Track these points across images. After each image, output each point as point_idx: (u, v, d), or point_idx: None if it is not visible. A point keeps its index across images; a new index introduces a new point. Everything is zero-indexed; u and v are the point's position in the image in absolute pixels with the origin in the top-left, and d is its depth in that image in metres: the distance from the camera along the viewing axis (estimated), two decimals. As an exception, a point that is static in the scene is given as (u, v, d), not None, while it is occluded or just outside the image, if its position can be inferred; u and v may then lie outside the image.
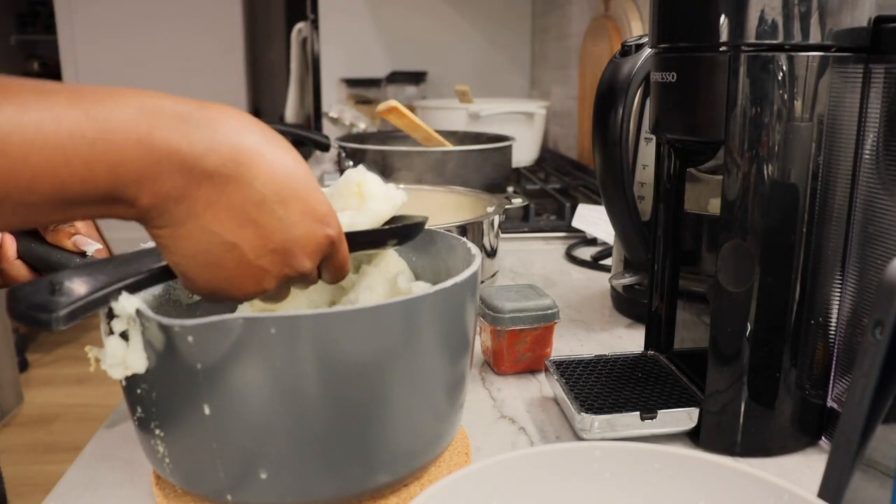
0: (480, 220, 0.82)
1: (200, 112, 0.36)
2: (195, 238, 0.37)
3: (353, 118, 2.07)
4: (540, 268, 1.02)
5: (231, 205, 0.36)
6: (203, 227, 0.36)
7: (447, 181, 1.19)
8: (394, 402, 0.42)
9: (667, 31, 0.53)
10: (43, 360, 2.94)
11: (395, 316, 0.41)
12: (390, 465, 0.44)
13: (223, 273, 0.38)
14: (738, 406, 0.52)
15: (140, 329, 0.39)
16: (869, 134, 0.48)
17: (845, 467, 0.34)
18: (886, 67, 0.46)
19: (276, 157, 0.38)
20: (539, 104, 1.80)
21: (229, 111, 0.37)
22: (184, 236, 0.37)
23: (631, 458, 0.37)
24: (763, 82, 0.47)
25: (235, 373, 0.38)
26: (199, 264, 0.38)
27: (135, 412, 0.43)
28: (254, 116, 0.39)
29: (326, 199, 0.40)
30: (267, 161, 0.37)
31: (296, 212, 0.38)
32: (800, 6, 0.46)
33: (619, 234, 0.74)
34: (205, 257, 0.38)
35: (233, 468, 0.41)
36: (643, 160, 0.77)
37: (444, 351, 0.44)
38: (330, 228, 0.41)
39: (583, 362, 0.62)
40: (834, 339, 0.52)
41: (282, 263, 0.39)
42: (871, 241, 0.49)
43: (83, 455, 0.53)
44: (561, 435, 0.56)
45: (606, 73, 0.70)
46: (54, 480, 0.50)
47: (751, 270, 0.49)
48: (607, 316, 0.83)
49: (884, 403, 0.33)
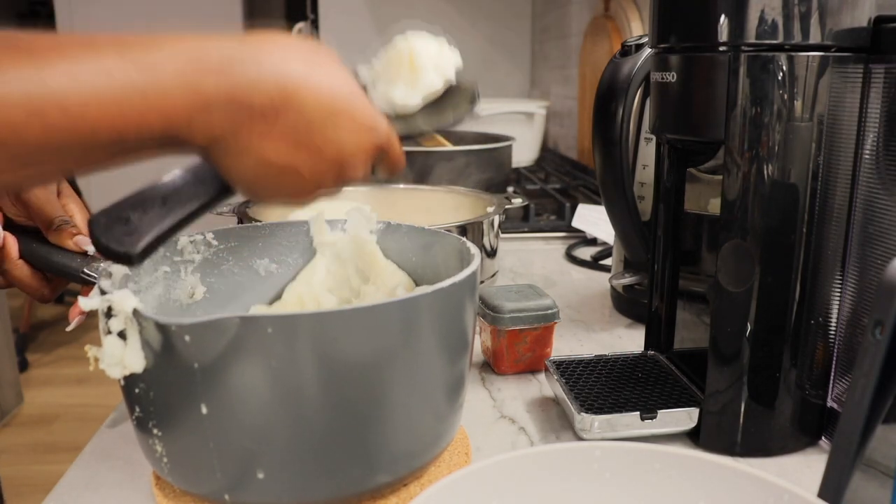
0: (480, 220, 0.82)
1: (243, 49, 0.37)
2: (253, 166, 0.39)
3: (353, 118, 2.06)
4: (540, 268, 1.02)
5: (283, 133, 0.38)
6: (260, 157, 0.38)
7: (447, 181, 1.19)
8: (393, 402, 0.42)
9: (667, 31, 0.52)
10: (43, 360, 2.94)
11: (393, 315, 0.41)
12: (389, 465, 0.44)
13: (284, 190, 0.41)
14: (738, 406, 0.52)
15: (137, 328, 0.39)
16: (869, 134, 0.48)
17: (845, 467, 0.34)
18: (886, 67, 0.46)
19: (321, 80, 0.39)
20: (539, 104, 1.80)
21: (272, 41, 0.39)
22: (243, 164, 0.39)
23: (631, 458, 0.37)
24: (763, 82, 0.47)
25: (232, 372, 0.38)
26: (259, 186, 0.41)
27: (133, 412, 0.43)
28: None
29: (372, 107, 0.42)
30: (312, 86, 0.39)
31: (344, 128, 0.40)
32: (800, 6, 0.46)
33: (619, 234, 0.74)
34: (265, 180, 0.40)
35: (230, 468, 0.41)
36: (643, 160, 0.77)
37: (443, 351, 0.44)
38: (378, 136, 0.43)
39: (583, 362, 0.62)
40: (834, 339, 0.52)
41: (336, 175, 0.41)
42: (871, 241, 0.49)
43: (83, 455, 0.53)
44: (561, 435, 0.56)
45: (606, 73, 0.70)
46: (54, 480, 0.50)
47: (751, 270, 0.49)
48: (607, 316, 0.82)
49: (884, 403, 0.33)
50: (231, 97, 0.36)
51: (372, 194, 0.97)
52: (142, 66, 0.34)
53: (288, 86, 0.38)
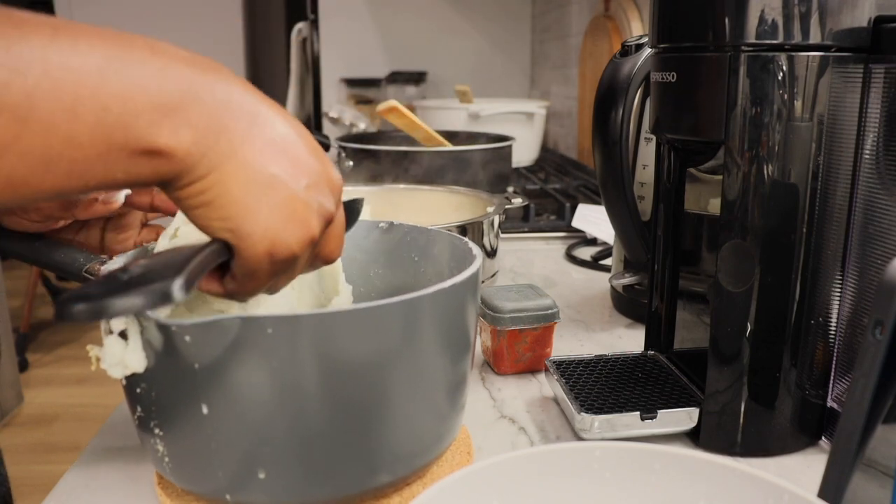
0: (480, 220, 0.82)
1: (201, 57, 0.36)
2: (242, 176, 0.36)
3: (353, 118, 2.06)
4: (540, 268, 1.02)
5: (264, 137, 0.37)
6: (246, 163, 0.36)
7: (447, 181, 1.19)
8: (394, 402, 0.42)
9: (667, 31, 0.53)
10: (43, 360, 2.94)
11: (395, 316, 0.41)
12: (391, 465, 0.44)
13: (276, 214, 0.37)
14: (738, 406, 0.52)
15: (138, 328, 0.39)
16: (869, 134, 0.48)
17: (845, 467, 0.34)
18: (886, 67, 0.46)
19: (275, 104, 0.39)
20: (539, 104, 1.80)
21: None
22: (230, 176, 0.36)
23: (631, 458, 0.37)
24: (763, 82, 0.47)
25: (233, 373, 0.38)
26: (250, 208, 0.37)
27: (135, 411, 0.43)
28: None
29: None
30: (269, 104, 0.38)
31: (309, 147, 0.39)
32: (800, 6, 0.46)
33: (619, 234, 0.74)
34: (255, 198, 0.37)
35: (231, 468, 0.41)
36: (643, 160, 0.77)
37: (445, 351, 0.44)
38: (336, 172, 0.41)
39: (583, 362, 0.62)
40: (834, 339, 0.52)
41: (317, 198, 0.39)
42: (871, 241, 0.49)
43: (83, 455, 0.53)
44: (561, 435, 0.56)
45: (606, 73, 0.70)
46: (54, 480, 0.50)
47: (751, 270, 0.49)
48: (607, 316, 0.82)
49: (884, 403, 0.33)
50: (211, 88, 0.35)
51: (372, 194, 0.97)
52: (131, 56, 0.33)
53: (256, 99, 0.37)
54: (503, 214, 0.88)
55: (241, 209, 0.36)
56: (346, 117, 2.07)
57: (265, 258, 0.38)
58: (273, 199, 0.37)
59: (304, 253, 0.39)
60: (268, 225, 0.37)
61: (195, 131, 0.34)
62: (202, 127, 0.35)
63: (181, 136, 0.34)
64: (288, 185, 0.37)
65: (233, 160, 0.36)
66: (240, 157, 0.36)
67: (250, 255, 0.38)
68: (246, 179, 0.36)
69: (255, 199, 0.36)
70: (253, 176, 0.36)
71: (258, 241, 0.37)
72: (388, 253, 0.58)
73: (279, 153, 0.37)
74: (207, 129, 0.35)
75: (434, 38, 2.45)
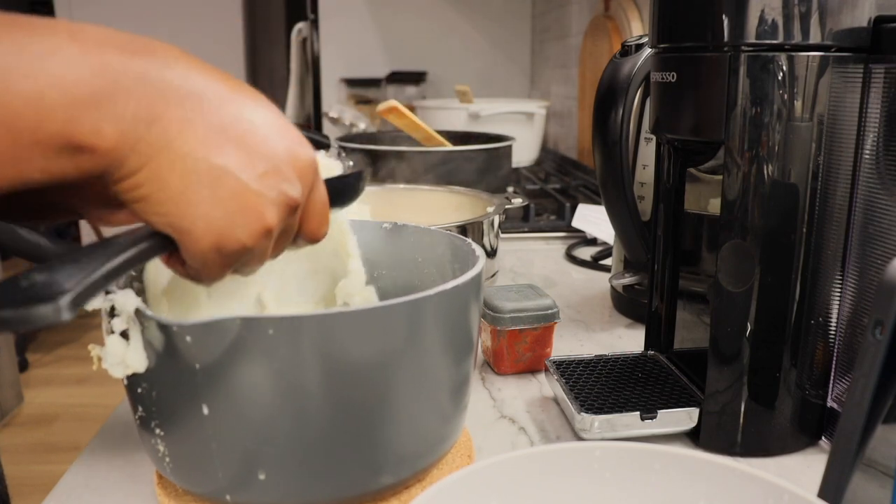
0: (480, 220, 0.82)
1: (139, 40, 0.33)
2: (179, 168, 0.33)
3: (353, 118, 2.06)
4: (540, 268, 1.02)
5: (208, 122, 0.33)
6: (185, 153, 0.33)
7: (447, 181, 1.19)
8: (396, 403, 0.42)
9: (667, 31, 0.53)
10: (43, 360, 2.94)
11: (397, 317, 0.41)
12: (393, 466, 0.44)
13: (221, 208, 0.34)
14: (738, 406, 0.52)
15: (140, 328, 0.39)
16: (869, 134, 0.48)
17: (845, 467, 0.34)
18: (886, 67, 0.46)
19: (235, 79, 0.35)
20: (539, 104, 1.80)
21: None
22: (166, 169, 0.33)
23: (631, 458, 0.37)
24: (763, 82, 0.47)
25: (234, 373, 0.38)
26: (191, 203, 0.33)
27: (136, 411, 0.43)
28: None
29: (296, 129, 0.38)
30: (228, 81, 0.35)
31: (273, 128, 0.36)
32: (800, 6, 0.46)
33: (619, 234, 0.74)
34: (196, 191, 0.33)
35: (232, 469, 0.41)
36: (643, 160, 0.77)
37: (447, 352, 0.44)
38: (310, 151, 0.38)
39: (583, 362, 0.62)
40: (834, 339, 0.52)
41: (276, 187, 0.35)
42: (871, 241, 0.49)
43: (83, 455, 0.53)
44: (561, 435, 0.56)
45: (606, 73, 0.70)
46: (54, 480, 0.50)
47: (751, 270, 0.49)
48: (607, 316, 0.83)
49: (884, 403, 0.33)
50: (142, 71, 0.32)
51: (372, 194, 0.97)
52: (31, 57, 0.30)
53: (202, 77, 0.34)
54: (503, 214, 0.88)
55: (180, 204, 0.34)
56: (346, 117, 2.07)
57: (212, 253, 0.35)
58: (218, 192, 0.34)
59: (259, 244, 0.36)
60: (211, 220, 0.34)
61: (120, 123, 0.31)
62: (128, 118, 0.31)
63: (104, 130, 0.31)
64: (237, 175, 0.34)
65: (168, 152, 0.33)
66: (176, 148, 0.33)
67: (194, 250, 0.35)
68: (185, 171, 0.33)
69: (195, 192, 0.33)
70: (193, 167, 0.33)
71: (201, 236, 0.35)
72: (392, 254, 0.58)
73: (227, 141, 0.34)
74: (135, 120, 0.32)
75: (434, 38, 2.45)
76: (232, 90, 0.35)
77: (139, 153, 0.32)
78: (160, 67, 0.33)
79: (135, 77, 0.32)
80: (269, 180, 0.35)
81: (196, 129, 0.33)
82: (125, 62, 0.32)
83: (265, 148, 0.35)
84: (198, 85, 0.34)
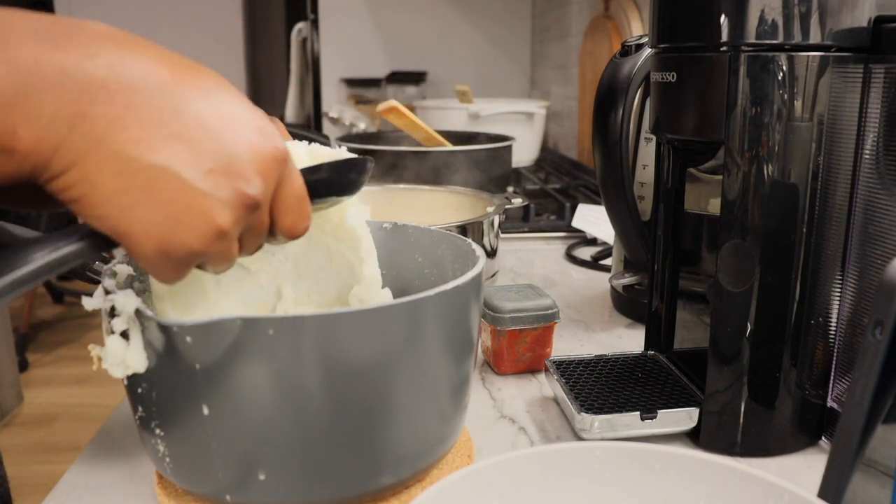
0: (480, 220, 0.82)
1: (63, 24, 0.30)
2: (110, 169, 0.30)
3: (353, 118, 2.07)
4: (540, 268, 1.02)
5: (142, 118, 0.30)
6: (115, 153, 0.30)
7: (447, 181, 1.19)
8: (396, 404, 0.42)
9: (667, 31, 0.53)
10: (43, 360, 2.94)
11: (397, 317, 0.41)
12: (393, 467, 0.44)
13: (162, 211, 0.31)
14: (738, 406, 0.52)
15: (140, 328, 0.39)
16: (869, 134, 0.48)
17: (845, 467, 0.34)
18: (886, 67, 0.46)
19: (186, 63, 0.32)
20: (539, 104, 1.80)
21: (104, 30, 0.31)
22: (96, 171, 0.30)
23: (631, 458, 0.37)
24: (763, 82, 0.47)
25: (234, 374, 0.38)
26: (129, 205, 0.31)
27: (136, 411, 0.43)
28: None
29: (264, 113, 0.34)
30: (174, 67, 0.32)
31: (227, 119, 0.32)
32: (800, 6, 0.46)
33: (619, 234, 0.74)
34: (130, 193, 0.30)
35: (232, 469, 0.41)
36: (643, 160, 0.77)
37: (447, 352, 0.44)
38: (277, 142, 0.34)
39: (583, 362, 0.62)
40: (834, 339, 0.52)
41: (227, 185, 0.32)
42: (871, 241, 0.49)
43: (83, 455, 0.53)
44: (561, 435, 0.56)
45: (606, 73, 0.70)
46: (54, 480, 0.50)
47: (751, 270, 0.49)
48: (607, 316, 0.83)
49: (884, 403, 0.33)
50: (59, 66, 0.29)
51: (372, 194, 0.97)
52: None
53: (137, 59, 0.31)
54: (503, 214, 0.88)
55: (113, 208, 0.31)
56: (346, 117, 2.07)
57: (157, 257, 0.32)
58: (155, 194, 0.31)
59: (212, 247, 0.33)
60: (150, 223, 0.31)
61: (35, 125, 0.29)
62: (45, 119, 0.29)
63: (18, 132, 0.29)
64: (178, 174, 0.31)
65: (96, 152, 0.30)
66: (105, 148, 0.30)
67: (138, 253, 0.32)
68: (116, 173, 0.30)
69: (129, 195, 0.31)
70: (126, 168, 0.30)
71: (141, 240, 0.32)
72: (392, 254, 0.58)
73: (166, 136, 0.31)
74: (53, 120, 0.29)
75: (434, 38, 2.45)
76: (176, 77, 0.32)
77: (63, 155, 0.30)
78: (83, 59, 0.30)
79: (54, 73, 0.29)
80: (217, 178, 0.32)
81: (127, 126, 0.30)
82: (45, 55, 0.29)
83: (214, 142, 0.32)
84: (129, 75, 0.31)
